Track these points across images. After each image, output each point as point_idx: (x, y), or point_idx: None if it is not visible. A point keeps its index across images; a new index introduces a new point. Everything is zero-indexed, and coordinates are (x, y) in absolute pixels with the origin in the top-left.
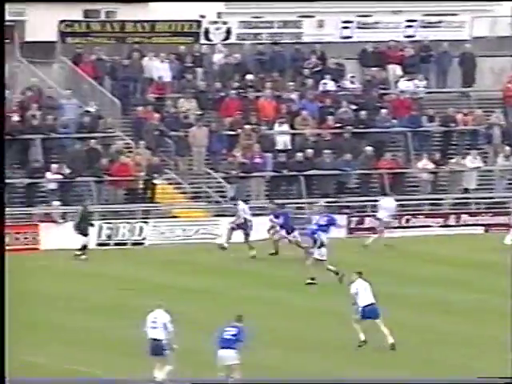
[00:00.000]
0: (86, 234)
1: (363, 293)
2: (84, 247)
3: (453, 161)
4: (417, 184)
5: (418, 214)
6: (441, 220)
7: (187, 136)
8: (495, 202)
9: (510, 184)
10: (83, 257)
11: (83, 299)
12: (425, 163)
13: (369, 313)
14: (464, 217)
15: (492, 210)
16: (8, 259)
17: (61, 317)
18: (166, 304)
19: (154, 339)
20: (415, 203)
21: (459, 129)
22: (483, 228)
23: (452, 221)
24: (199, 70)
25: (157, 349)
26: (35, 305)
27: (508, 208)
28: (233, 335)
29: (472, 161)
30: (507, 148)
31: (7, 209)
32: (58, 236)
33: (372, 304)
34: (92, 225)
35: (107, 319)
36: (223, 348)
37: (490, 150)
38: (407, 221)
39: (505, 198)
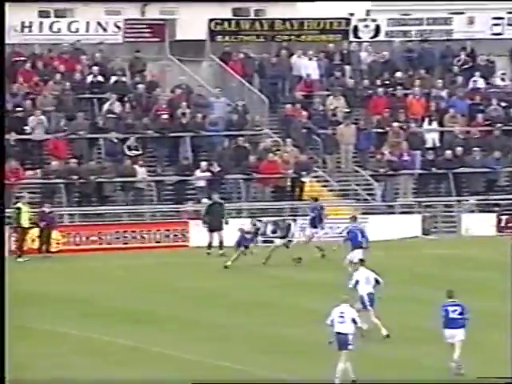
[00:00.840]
0: (215, 230)
1: (363, 282)
2: (220, 243)
3: None
4: None
5: None
6: None
7: (335, 134)
8: None
9: None
10: (220, 252)
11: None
12: None
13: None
14: None
15: None
16: (157, 255)
17: (216, 314)
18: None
19: (341, 333)
20: None
21: None
22: None
23: None
24: (347, 68)
25: (343, 343)
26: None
27: None
28: (459, 314)
29: None
30: None
31: (158, 206)
32: (207, 233)
33: (371, 293)
34: (224, 219)
35: (260, 316)
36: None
37: None
38: None
39: None
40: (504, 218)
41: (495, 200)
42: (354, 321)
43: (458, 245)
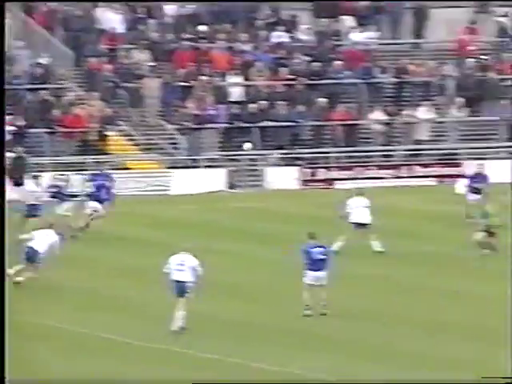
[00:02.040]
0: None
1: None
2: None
3: (405, 112)
4: (369, 135)
5: (371, 166)
6: (393, 171)
7: (140, 87)
8: (447, 153)
9: (462, 135)
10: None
11: None
12: (377, 115)
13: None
14: (416, 168)
15: (444, 162)
16: None
17: None
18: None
19: (179, 281)
20: (368, 154)
21: (412, 80)
22: (435, 179)
23: (404, 172)
24: (152, 21)
25: (181, 290)
26: None
27: (459, 159)
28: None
29: (424, 112)
30: (460, 99)
31: None
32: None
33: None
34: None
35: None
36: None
37: (442, 102)
38: (360, 172)
39: (457, 149)
40: (307, 171)
41: (299, 154)
42: (193, 269)
43: (263, 198)
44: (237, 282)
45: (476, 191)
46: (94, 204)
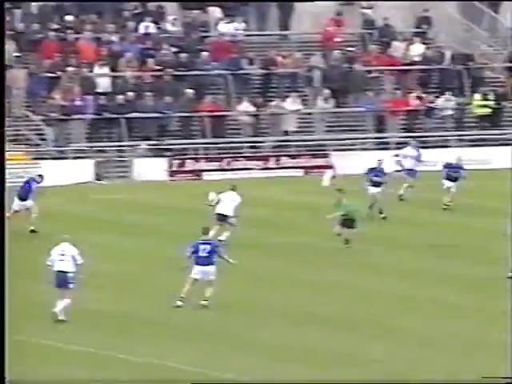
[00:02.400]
0: None
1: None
2: None
3: (273, 103)
4: (237, 127)
5: (239, 157)
6: (261, 163)
7: (5, 78)
8: (315, 144)
9: (329, 126)
10: None
11: None
12: (245, 106)
13: None
14: (284, 159)
15: (311, 153)
16: None
17: None
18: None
19: (62, 271)
20: (236, 146)
21: (279, 71)
22: (303, 170)
23: (272, 163)
24: (17, 11)
25: (63, 281)
26: None
27: (327, 150)
28: (209, 252)
29: (292, 103)
30: (326, 91)
31: None
32: None
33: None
34: None
35: None
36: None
37: (309, 93)
38: (228, 163)
39: (324, 140)
40: (175, 162)
41: (167, 145)
42: (74, 258)
43: (131, 189)
44: (106, 272)
45: (376, 184)
46: None
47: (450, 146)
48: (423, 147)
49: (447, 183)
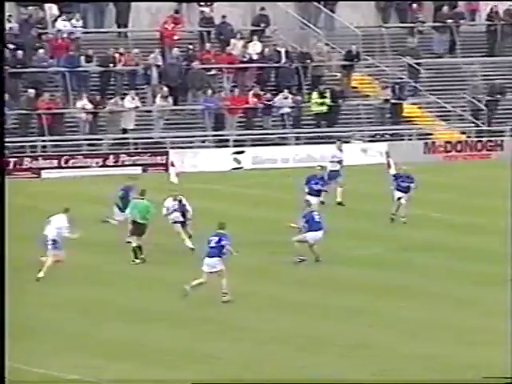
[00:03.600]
0: None
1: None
2: None
3: (111, 101)
4: (76, 124)
5: (77, 155)
6: (100, 160)
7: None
8: (153, 142)
9: (167, 124)
10: None
11: None
12: (83, 103)
13: None
14: (123, 157)
15: (150, 150)
16: None
17: None
18: None
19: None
20: (74, 143)
21: (117, 69)
22: (141, 168)
23: (111, 161)
24: None
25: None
26: None
27: (165, 148)
28: (216, 243)
29: (130, 101)
30: (165, 88)
31: None
32: None
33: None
34: None
35: None
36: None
37: (148, 91)
38: (66, 161)
39: (162, 138)
40: (13, 160)
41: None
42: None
43: None
44: None
45: (316, 194)
46: None
47: (288, 144)
48: (261, 145)
49: (397, 194)
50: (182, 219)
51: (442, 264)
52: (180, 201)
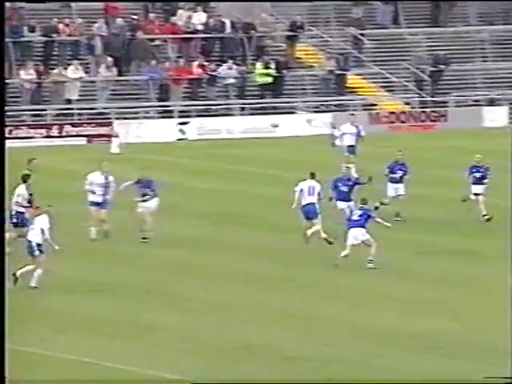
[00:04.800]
0: None
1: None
2: None
3: (55, 71)
4: (19, 94)
5: (21, 125)
6: (44, 131)
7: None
8: (97, 112)
9: (111, 95)
10: None
11: None
12: (27, 73)
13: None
14: (67, 128)
15: (94, 121)
16: None
17: None
18: None
19: (28, 240)
20: (18, 114)
21: (61, 39)
22: (86, 139)
23: (55, 132)
24: None
25: (30, 250)
26: None
27: (110, 119)
28: (360, 216)
29: (74, 71)
30: (109, 59)
31: None
32: None
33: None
34: None
35: None
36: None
37: (91, 61)
38: (10, 132)
39: (107, 108)
40: None
41: None
42: (42, 230)
43: None
44: None
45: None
46: None
47: (232, 115)
48: (206, 116)
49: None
50: (100, 200)
51: (385, 235)
52: (107, 177)
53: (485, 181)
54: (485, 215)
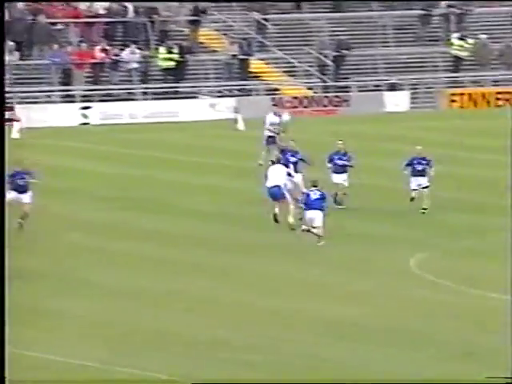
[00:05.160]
0: None
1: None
2: None
3: None
4: None
5: None
6: None
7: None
8: None
9: (14, 79)
10: None
11: None
12: None
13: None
14: None
15: None
16: None
17: None
18: None
19: None
20: None
21: None
22: None
23: None
24: None
25: None
26: None
27: (12, 103)
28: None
29: None
30: (10, 43)
31: None
32: None
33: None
34: None
35: None
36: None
37: None
38: None
39: (8, 93)
40: None
41: None
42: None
43: None
44: None
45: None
46: None
47: (135, 99)
48: (109, 100)
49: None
50: None
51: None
52: None
53: (430, 172)
54: (424, 208)
